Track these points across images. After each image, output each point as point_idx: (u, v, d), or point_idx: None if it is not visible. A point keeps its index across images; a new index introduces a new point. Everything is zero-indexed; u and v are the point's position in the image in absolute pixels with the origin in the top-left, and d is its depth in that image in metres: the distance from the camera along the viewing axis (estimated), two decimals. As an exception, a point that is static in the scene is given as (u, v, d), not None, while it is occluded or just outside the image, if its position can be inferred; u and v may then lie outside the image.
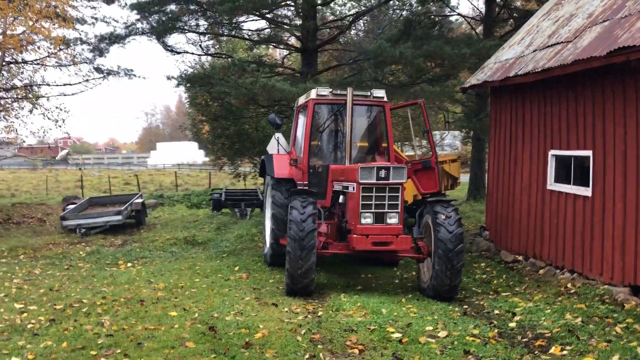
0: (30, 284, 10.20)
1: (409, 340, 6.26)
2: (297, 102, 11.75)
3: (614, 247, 7.96)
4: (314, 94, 10.26)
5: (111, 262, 12.61)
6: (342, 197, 9.50)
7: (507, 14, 21.18)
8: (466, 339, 6.26)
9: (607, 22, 8.52)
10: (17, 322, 7.38)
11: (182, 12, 17.32)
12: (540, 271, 9.61)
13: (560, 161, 9.58)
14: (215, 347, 6.04)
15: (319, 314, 7.53)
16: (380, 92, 10.31)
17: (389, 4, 21.93)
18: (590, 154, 8.57)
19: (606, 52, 7.45)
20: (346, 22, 21.40)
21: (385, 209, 8.44)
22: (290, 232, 8.31)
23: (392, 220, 8.46)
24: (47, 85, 22.22)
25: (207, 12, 17.50)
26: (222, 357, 5.81)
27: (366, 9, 21.92)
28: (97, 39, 19.30)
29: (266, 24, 20.40)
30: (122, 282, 9.95)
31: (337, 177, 9.54)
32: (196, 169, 59.20)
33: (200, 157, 71.23)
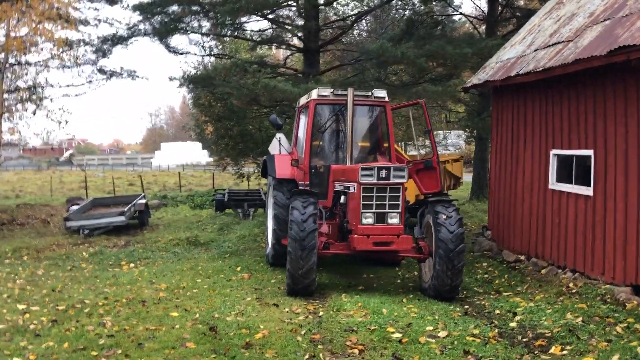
0: (33, 285, 10.24)
1: (409, 340, 6.27)
2: (299, 102, 11.76)
3: (616, 246, 7.95)
4: (315, 94, 10.27)
5: (114, 262, 12.65)
6: (343, 197, 9.52)
7: (510, 13, 21.10)
8: (466, 339, 6.26)
9: (608, 21, 8.50)
10: (20, 323, 7.42)
11: (184, 13, 17.33)
12: (542, 271, 9.59)
13: (561, 161, 9.57)
14: (215, 348, 6.06)
15: (320, 314, 7.53)
16: (381, 92, 10.30)
17: (392, 3, 21.92)
18: (591, 153, 8.55)
19: (607, 52, 7.44)
20: (348, 22, 21.37)
21: (386, 209, 8.43)
22: (291, 233, 8.32)
23: (393, 220, 8.45)
24: (51, 86, 22.33)
25: (209, 13, 17.51)
26: (222, 357, 5.83)
27: (368, 9, 21.92)
28: (100, 40, 19.30)
29: (268, 24, 20.39)
30: (124, 282, 9.98)
31: (338, 177, 9.54)
32: (200, 170, 59.21)
33: (204, 157, 71.36)
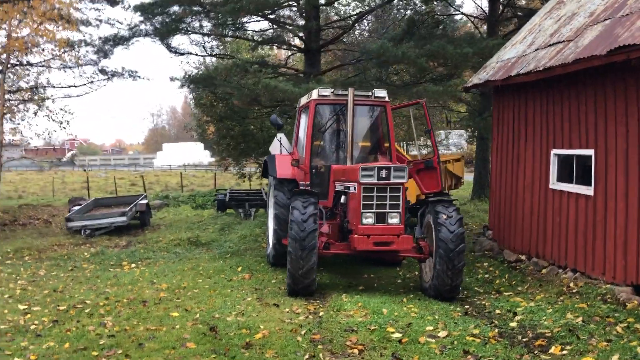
0: (34, 285, 10.27)
1: (409, 340, 6.26)
2: (299, 102, 11.77)
3: (616, 246, 7.94)
4: (315, 94, 10.27)
5: (115, 263, 12.68)
6: (343, 197, 9.53)
7: (511, 12, 21.08)
8: (466, 339, 6.26)
9: (608, 21, 8.49)
10: (21, 323, 7.45)
11: (185, 13, 17.34)
12: (543, 270, 9.59)
13: (562, 160, 9.56)
14: (215, 348, 6.07)
15: (320, 314, 7.54)
16: (381, 92, 10.29)
17: (393, 3, 21.88)
18: (592, 152, 8.54)
19: (607, 51, 7.43)
20: (349, 22, 21.37)
21: (386, 209, 8.43)
22: (291, 233, 8.32)
23: (394, 220, 8.45)
24: (52, 87, 22.37)
25: (210, 13, 17.52)
26: (222, 357, 5.84)
27: (369, 9, 21.90)
28: (101, 41, 19.32)
29: (269, 24, 20.40)
30: (125, 283, 10.00)
31: (338, 177, 9.55)
32: (202, 170, 59.27)
33: (206, 157, 71.37)
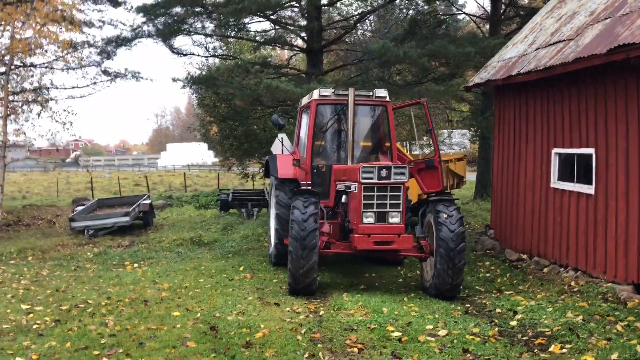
0: (37, 285, 10.33)
1: (409, 339, 6.28)
2: (301, 102, 11.79)
3: (617, 245, 7.94)
4: (316, 94, 10.30)
5: (118, 263, 12.73)
6: (344, 197, 9.55)
7: (513, 12, 21.04)
8: (466, 338, 6.27)
9: (608, 20, 8.48)
10: (23, 323, 7.49)
11: (187, 14, 17.38)
12: (544, 270, 9.59)
13: (563, 159, 9.55)
14: (215, 347, 6.10)
15: (321, 313, 7.56)
16: (382, 92, 10.30)
17: (395, 3, 21.89)
18: (592, 151, 8.53)
19: (606, 50, 7.43)
20: (352, 22, 21.38)
21: (387, 209, 8.45)
22: (292, 232, 8.35)
23: (394, 219, 8.46)
24: (56, 88, 22.42)
25: (213, 14, 17.56)
26: (222, 356, 5.87)
27: (372, 9, 21.90)
28: (104, 42, 19.41)
29: (270, 25, 20.44)
30: (127, 282, 10.04)
31: (339, 177, 9.57)
32: (205, 170, 59.39)
33: (209, 157, 71.46)
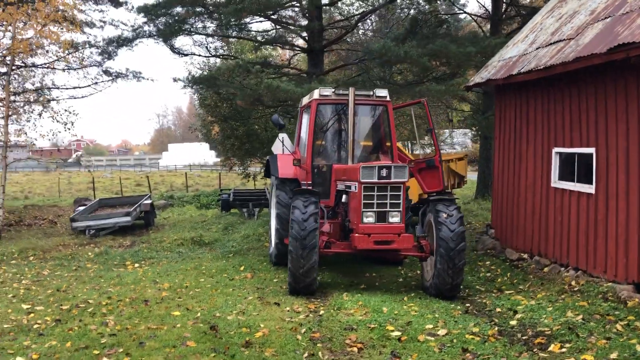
0: (38, 285, 10.35)
1: (408, 338, 6.28)
2: (301, 102, 11.80)
3: (618, 244, 7.93)
4: (316, 94, 10.30)
5: (119, 262, 12.75)
6: (345, 197, 9.55)
7: (515, 11, 21.02)
8: (465, 337, 6.27)
9: (608, 19, 8.47)
10: (24, 323, 7.52)
11: (188, 14, 17.39)
12: (545, 269, 9.57)
13: (564, 159, 9.54)
14: (215, 346, 6.10)
15: (321, 312, 7.56)
16: (382, 92, 10.30)
17: (397, 3, 21.89)
18: (593, 151, 8.52)
19: (606, 49, 7.42)
20: (353, 21, 21.38)
21: (387, 208, 8.44)
22: (292, 232, 8.35)
23: (394, 219, 8.46)
24: (57, 88, 22.45)
25: (213, 14, 17.57)
26: (221, 355, 5.87)
27: (372, 8, 21.91)
28: (105, 42, 19.44)
29: (271, 25, 20.44)
30: (128, 282, 10.06)
31: (340, 177, 9.57)
32: (207, 170, 59.43)
33: (211, 157, 71.54)
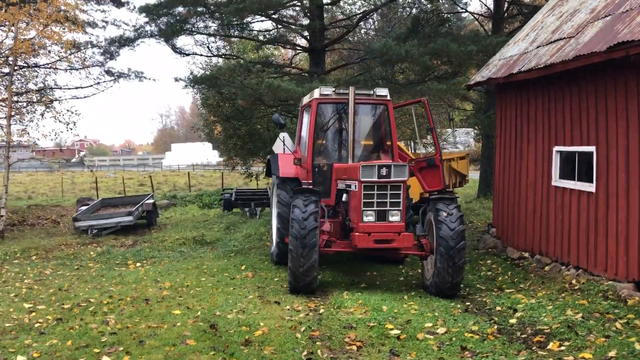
0: (40, 284, 10.39)
1: (407, 336, 6.29)
2: (302, 101, 11.81)
3: (618, 242, 7.92)
4: (317, 93, 10.31)
5: (120, 262, 12.78)
6: (345, 196, 9.56)
7: (517, 10, 21.00)
8: (464, 335, 6.28)
9: (608, 17, 8.46)
10: (25, 322, 7.56)
11: (189, 14, 17.42)
12: (545, 268, 9.57)
13: (564, 157, 9.53)
14: (215, 345, 6.12)
15: (320, 311, 7.57)
16: (383, 91, 10.31)
17: (399, 2, 21.89)
18: (593, 149, 8.52)
19: (606, 48, 7.41)
20: (354, 21, 21.39)
21: (387, 207, 8.45)
22: (292, 231, 8.37)
23: (394, 218, 8.47)
24: (59, 88, 22.51)
25: (215, 13, 17.60)
26: (221, 354, 5.89)
27: (374, 7, 21.91)
28: (107, 42, 19.52)
29: (272, 24, 20.47)
30: (129, 281, 10.08)
31: (340, 176, 9.58)
32: (210, 169, 59.52)
33: (214, 157, 71.66)
